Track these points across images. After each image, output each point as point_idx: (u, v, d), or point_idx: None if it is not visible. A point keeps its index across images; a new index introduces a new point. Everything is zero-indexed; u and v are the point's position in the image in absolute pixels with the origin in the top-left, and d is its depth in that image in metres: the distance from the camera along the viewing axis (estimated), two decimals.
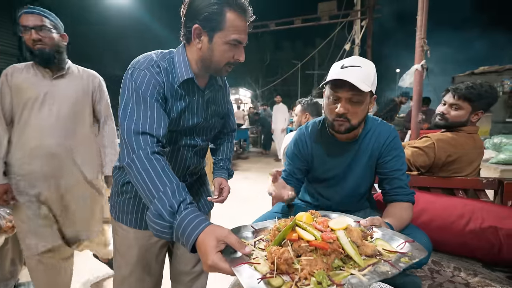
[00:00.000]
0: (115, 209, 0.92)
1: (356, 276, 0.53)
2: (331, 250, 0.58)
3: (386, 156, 0.97)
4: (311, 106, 1.92)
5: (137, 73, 0.74)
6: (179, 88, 0.79)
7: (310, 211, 0.79)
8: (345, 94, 0.87)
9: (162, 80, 0.76)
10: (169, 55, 0.82)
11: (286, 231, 0.61)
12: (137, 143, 0.68)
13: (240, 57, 0.78)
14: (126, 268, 0.92)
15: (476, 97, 1.26)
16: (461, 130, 1.33)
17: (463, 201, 1.16)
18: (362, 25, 7.18)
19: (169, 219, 0.60)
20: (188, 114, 0.83)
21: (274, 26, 7.71)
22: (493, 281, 0.91)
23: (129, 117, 0.70)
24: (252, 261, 0.58)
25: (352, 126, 0.91)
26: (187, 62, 0.80)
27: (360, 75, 0.85)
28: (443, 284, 0.89)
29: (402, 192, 0.95)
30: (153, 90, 0.73)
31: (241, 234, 0.71)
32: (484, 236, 1.01)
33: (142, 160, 0.66)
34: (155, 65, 0.76)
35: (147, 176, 0.64)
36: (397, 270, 0.54)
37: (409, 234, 0.87)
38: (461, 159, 1.30)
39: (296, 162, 1.09)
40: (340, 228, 0.64)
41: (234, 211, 3.29)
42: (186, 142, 0.88)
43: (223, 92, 0.98)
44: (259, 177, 4.99)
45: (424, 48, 2.90)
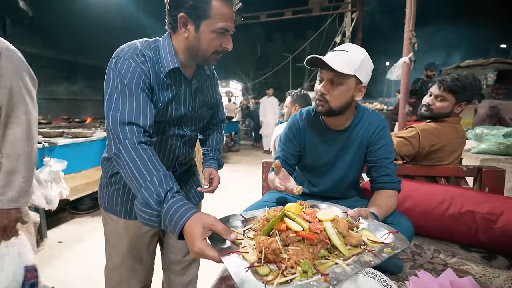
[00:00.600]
0: (104, 200, 0.92)
1: (340, 265, 0.55)
2: (318, 240, 0.60)
3: (376, 144, 1.00)
4: (301, 98, 1.93)
5: (121, 62, 0.72)
6: (165, 78, 0.78)
7: (299, 201, 0.82)
8: (327, 74, 0.90)
9: (148, 70, 0.75)
10: (154, 43, 0.80)
11: (275, 221, 0.63)
12: (123, 134, 0.67)
13: (227, 45, 0.77)
14: (117, 258, 0.93)
15: (461, 89, 1.31)
16: (445, 120, 1.38)
17: (444, 188, 1.22)
18: (352, 18, 7.19)
19: (156, 208, 0.61)
20: (175, 105, 0.83)
21: (265, 18, 7.61)
22: (469, 261, 0.97)
23: (114, 107, 0.69)
24: (241, 250, 0.59)
25: (331, 109, 0.93)
26: (173, 51, 0.79)
27: (343, 58, 0.87)
28: (423, 265, 0.94)
29: (389, 180, 0.99)
30: (138, 80, 0.72)
31: (231, 223, 0.72)
32: (462, 220, 1.07)
33: (128, 150, 0.66)
34: (140, 54, 0.75)
35: (134, 166, 0.64)
36: (380, 260, 0.57)
37: (393, 219, 0.92)
38: (444, 148, 1.36)
39: (290, 147, 1.10)
40: (327, 219, 0.67)
41: (224, 203, 3.31)
42: (174, 132, 0.87)
43: (211, 82, 0.97)
44: (250, 170, 5.02)
45: (412, 40, 2.94)
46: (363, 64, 0.89)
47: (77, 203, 2.87)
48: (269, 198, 1.14)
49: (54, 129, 2.91)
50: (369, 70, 0.93)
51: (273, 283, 0.50)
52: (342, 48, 0.90)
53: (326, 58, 0.88)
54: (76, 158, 2.56)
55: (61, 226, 2.63)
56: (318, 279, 0.51)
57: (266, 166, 1.52)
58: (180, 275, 1.08)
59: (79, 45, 9.37)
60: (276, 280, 0.50)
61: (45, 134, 2.59)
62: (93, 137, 2.71)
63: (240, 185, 4.10)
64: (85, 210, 2.90)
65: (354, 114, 1.03)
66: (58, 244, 2.28)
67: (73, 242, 2.30)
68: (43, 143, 2.22)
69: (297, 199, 1.14)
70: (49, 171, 2.08)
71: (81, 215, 2.86)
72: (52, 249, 2.21)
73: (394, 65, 3.07)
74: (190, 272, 1.10)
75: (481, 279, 0.86)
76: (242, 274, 0.51)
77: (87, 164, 2.71)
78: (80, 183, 2.72)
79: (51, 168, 2.10)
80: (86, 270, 1.91)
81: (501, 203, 1.06)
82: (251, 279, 0.50)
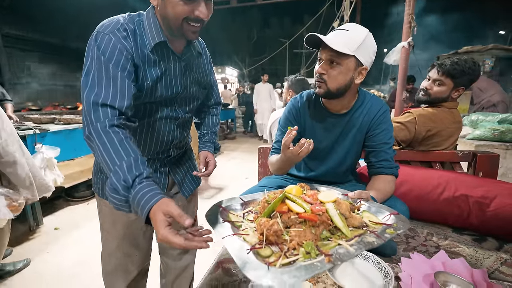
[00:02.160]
0: (98, 185, 0.90)
1: (343, 246, 0.54)
2: (320, 222, 0.59)
3: (376, 129, 0.99)
4: (295, 83, 1.89)
5: (101, 37, 0.68)
6: (151, 54, 0.74)
7: (300, 184, 0.80)
8: (326, 54, 0.88)
9: (130, 46, 0.70)
10: (138, 17, 0.75)
11: (276, 203, 0.62)
12: (96, 116, 0.64)
13: (200, 13, 0.69)
14: (112, 243, 0.92)
15: (459, 73, 1.29)
16: (442, 105, 1.37)
17: (439, 173, 1.22)
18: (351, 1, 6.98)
19: (124, 193, 0.59)
20: (165, 82, 0.79)
21: (261, 1, 7.35)
22: (460, 243, 0.99)
23: (90, 87, 0.66)
24: (241, 233, 0.59)
25: (329, 90, 0.91)
26: (157, 24, 0.74)
27: (342, 38, 0.85)
28: (417, 247, 0.96)
29: (387, 165, 0.98)
30: (118, 57, 0.68)
31: (230, 206, 0.72)
32: (456, 204, 1.08)
33: (99, 133, 0.63)
34: (122, 29, 0.70)
35: (104, 149, 0.62)
36: (383, 241, 0.56)
37: (390, 204, 0.92)
38: (440, 133, 1.35)
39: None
40: (329, 201, 0.66)
41: (220, 190, 3.33)
42: (167, 114, 0.84)
43: (203, 61, 0.93)
44: (246, 157, 5.02)
45: (412, 24, 2.88)
46: (364, 44, 0.86)
47: (72, 190, 2.85)
48: (265, 183, 1.14)
49: (45, 115, 2.83)
50: (371, 52, 0.89)
51: (276, 264, 0.49)
52: (344, 28, 0.88)
53: (324, 37, 0.85)
54: (69, 145, 2.52)
55: (57, 213, 2.62)
56: (322, 259, 0.50)
57: (263, 152, 1.51)
58: (177, 260, 1.09)
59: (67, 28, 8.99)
60: (279, 262, 0.50)
61: (35, 120, 2.52)
62: None
63: (237, 172, 4.11)
64: (80, 198, 2.89)
65: (356, 99, 1.00)
66: (55, 231, 2.28)
67: (69, 229, 2.31)
68: (34, 129, 2.16)
69: (296, 182, 1.14)
70: (41, 157, 2.04)
71: (77, 202, 2.86)
72: (48, 235, 2.21)
73: (393, 49, 3.02)
74: (187, 257, 1.10)
75: (471, 260, 0.88)
76: (244, 256, 0.50)
77: (81, 151, 2.67)
78: (75, 170, 2.69)
79: (43, 155, 2.06)
80: (83, 256, 1.92)
81: (495, 187, 1.07)
82: (253, 260, 0.49)
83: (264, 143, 6.58)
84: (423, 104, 1.43)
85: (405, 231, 0.62)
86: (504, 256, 0.90)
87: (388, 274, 0.69)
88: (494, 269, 0.83)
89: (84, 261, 1.86)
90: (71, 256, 1.93)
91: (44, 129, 2.26)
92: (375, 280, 0.68)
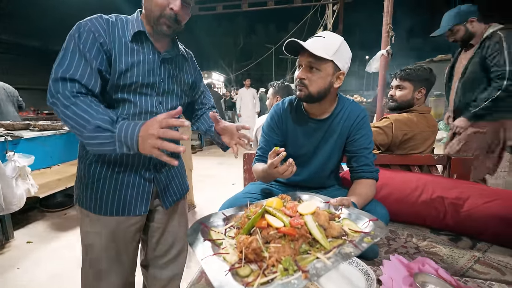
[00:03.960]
0: (81, 195, 0.86)
1: (321, 260, 0.55)
2: (299, 235, 0.60)
3: (356, 134, 1.02)
4: (282, 89, 1.92)
5: (79, 23, 0.76)
6: (130, 43, 0.79)
7: (281, 195, 0.81)
8: (305, 60, 0.92)
9: (104, 30, 0.76)
10: (124, 17, 0.83)
11: (255, 219, 0.62)
12: (63, 87, 0.70)
13: (174, 5, 0.76)
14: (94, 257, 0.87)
15: (414, 76, 1.42)
16: (415, 110, 1.46)
17: (417, 176, 1.28)
18: (334, 10, 7.25)
19: (108, 127, 0.66)
20: (142, 70, 0.81)
21: (246, 7, 7.45)
22: (438, 243, 1.03)
23: (60, 62, 0.71)
24: (221, 252, 0.58)
25: (310, 94, 0.94)
26: (139, 18, 0.82)
27: (320, 43, 0.89)
28: (397, 249, 0.99)
29: (368, 169, 1.01)
30: (91, 40, 0.73)
31: (212, 222, 0.71)
32: (433, 205, 1.13)
33: (66, 96, 0.68)
34: (100, 17, 0.78)
35: (77, 108, 0.67)
36: (360, 251, 0.58)
37: (370, 207, 0.95)
38: (416, 137, 1.42)
39: (273, 137, 1.10)
40: (308, 213, 0.66)
41: (210, 195, 3.28)
42: (147, 108, 0.84)
43: (188, 64, 0.96)
44: (235, 162, 4.99)
45: (390, 33, 3.01)
46: (340, 49, 0.90)
47: (47, 200, 2.69)
48: (250, 189, 1.13)
49: (18, 121, 2.68)
50: (347, 58, 0.94)
51: (253, 284, 0.49)
52: (320, 35, 0.92)
53: (304, 43, 0.88)
54: (45, 152, 2.38)
55: (30, 225, 2.46)
56: (299, 276, 0.50)
57: (248, 157, 1.51)
58: (164, 269, 1.04)
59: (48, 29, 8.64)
60: (257, 281, 0.49)
61: (7, 126, 2.37)
62: (64, 130, 2.53)
63: (225, 177, 4.07)
64: (56, 208, 2.74)
65: (335, 104, 1.03)
66: (27, 245, 2.14)
67: (43, 242, 2.17)
68: (5, 137, 2.03)
69: (278, 190, 1.14)
70: (13, 166, 1.92)
71: (53, 212, 2.70)
72: (19, 250, 2.07)
73: (373, 57, 3.14)
74: (173, 268, 1.06)
75: (448, 260, 0.91)
76: (221, 278, 0.50)
77: (58, 158, 2.54)
78: (51, 179, 2.55)
79: (15, 164, 1.94)
80: (59, 269, 1.81)
81: (468, 188, 1.13)
82: (231, 282, 0.49)
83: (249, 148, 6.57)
84: (394, 110, 1.54)
85: (382, 238, 0.64)
86: (477, 254, 0.94)
87: (370, 277, 0.71)
88: (468, 267, 0.87)
89: (60, 273, 1.75)
90: (45, 271, 1.81)
91: (16, 136, 2.13)
92: (358, 283, 0.69)
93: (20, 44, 8.53)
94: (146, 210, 0.89)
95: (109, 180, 0.84)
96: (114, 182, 0.84)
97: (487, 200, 1.05)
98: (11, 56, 8.30)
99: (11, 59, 8.31)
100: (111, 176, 0.84)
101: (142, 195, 0.88)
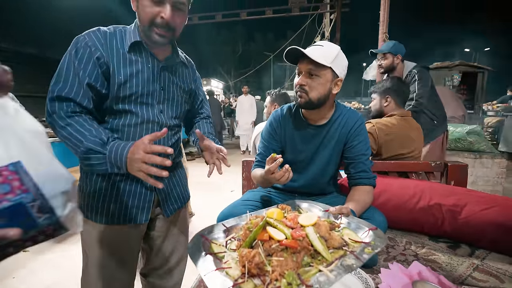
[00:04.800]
0: (82, 204, 0.86)
1: (324, 273, 0.55)
2: (301, 248, 0.60)
3: (353, 141, 1.04)
4: (279, 97, 1.95)
5: (76, 38, 0.77)
6: (128, 54, 0.79)
7: (281, 205, 0.81)
8: (304, 67, 0.96)
9: (101, 43, 0.76)
10: (123, 28, 0.83)
11: (257, 231, 0.62)
12: (59, 106, 0.72)
13: (164, 14, 0.75)
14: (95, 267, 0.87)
15: (377, 88, 1.63)
16: (394, 114, 1.56)
17: (415, 182, 1.28)
18: (331, 19, 7.39)
19: (100, 149, 0.70)
20: (141, 80, 0.81)
21: (245, 16, 7.59)
22: (436, 251, 1.03)
23: (56, 80, 0.74)
24: (224, 266, 0.58)
25: (310, 100, 0.97)
26: (136, 28, 0.82)
27: (319, 51, 0.93)
28: (396, 257, 0.99)
29: (365, 176, 1.02)
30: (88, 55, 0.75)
31: (213, 235, 0.71)
32: (430, 212, 1.13)
33: (62, 117, 0.71)
34: (97, 31, 0.78)
35: (71, 128, 0.71)
36: (361, 262, 0.58)
37: (368, 214, 0.95)
38: (399, 137, 1.49)
39: (272, 143, 1.11)
40: (309, 224, 0.67)
41: (207, 203, 3.26)
42: (149, 117, 0.84)
43: (189, 71, 0.97)
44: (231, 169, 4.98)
45: (386, 42, 3.08)
46: (338, 57, 0.95)
47: None
48: (248, 197, 1.13)
49: None
50: (344, 65, 0.98)
51: None
52: (319, 44, 0.96)
53: (305, 50, 0.92)
54: None
55: None
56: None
57: (247, 165, 1.51)
58: (163, 278, 1.04)
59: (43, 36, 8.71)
60: None
61: None
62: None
63: (223, 184, 4.05)
64: None
65: (333, 111, 1.06)
66: (23, 254, 2.10)
67: (39, 251, 2.14)
68: None
69: (277, 197, 1.14)
70: None
71: None
72: (15, 259, 2.03)
73: (370, 65, 3.20)
74: (173, 277, 1.05)
75: (447, 267, 0.91)
76: None
77: None
78: None
79: None
80: (55, 278, 1.78)
81: (465, 195, 1.14)
82: None
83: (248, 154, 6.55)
84: (374, 118, 1.66)
85: (382, 248, 0.64)
86: (476, 262, 0.94)
87: (369, 286, 0.70)
88: (467, 275, 0.87)
89: (56, 285, 1.72)
90: (41, 280, 1.78)
91: None
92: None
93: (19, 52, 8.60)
94: (147, 219, 0.89)
95: (110, 189, 0.83)
96: (115, 192, 0.84)
97: (485, 207, 1.05)
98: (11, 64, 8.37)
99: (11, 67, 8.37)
100: (112, 185, 0.84)
101: (144, 204, 0.87)
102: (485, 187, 2.34)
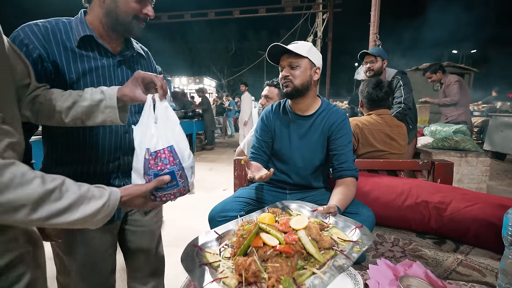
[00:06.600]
0: None
1: (318, 275, 0.57)
2: (294, 252, 0.61)
3: (337, 133, 1.11)
4: None
5: (12, 34, 0.69)
6: (77, 49, 0.74)
7: (272, 209, 0.83)
8: (285, 61, 1.10)
9: (39, 39, 0.70)
10: (67, 20, 0.77)
11: (251, 238, 0.63)
12: None
13: (148, 11, 0.76)
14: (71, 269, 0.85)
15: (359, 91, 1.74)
16: (372, 113, 1.64)
17: (403, 180, 1.31)
18: (324, 18, 7.44)
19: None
20: (96, 78, 0.77)
21: (238, 14, 7.55)
22: (423, 247, 1.06)
23: None
24: (220, 277, 0.58)
25: (295, 87, 1.09)
26: (84, 21, 0.76)
27: (297, 46, 1.08)
28: (385, 253, 1.01)
29: (347, 167, 1.08)
30: (24, 54, 0.65)
31: (205, 243, 0.70)
32: (417, 210, 1.16)
33: None
34: (35, 25, 0.71)
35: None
36: (351, 262, 0.61)
37: (356, 209, 0.98)
38: (376, 132, 1.55)
39: (264, 135, 1.21)
40: (301, 228, 0.68)
41: (199, 201, 3.24)
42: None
43: (146, 61, 0.93)
44: (224, 168, 4.97)
45: (377, 42, 3.13)
46: (311, 49, 1.09)
47: None
48: (240, 194, 1.15)
49: None
50: (318, 57, 1.12)
51: None
52: (294, 42, 1.11)
53: (285, 46, 1.06)
54: None
55: None
56: None
57: (238, 163, 1.51)
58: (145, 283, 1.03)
59: None
60: None
61: None
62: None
63: (215, 183, 4.04)
64: None
65: (319, 104, 1.16)
66: None
67: None
68: None
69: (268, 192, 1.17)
70: None
71: None
72: None
73: (361, 65, 3.24)
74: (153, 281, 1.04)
75: (432, 263, 0.94)
76: None
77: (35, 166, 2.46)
78: None
79: None
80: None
81: (450, 193, 1.18)
82: None
83: None
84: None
85: (370, 245, 0.67)
86: (460, 257, 0.98)
87: (358, 282, 0.72)
88: (451, 270, 0.90)
89: None
90: None
91: None
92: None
93: None
94: (120, 216, 0.88)
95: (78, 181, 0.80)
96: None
97: (469, 204, 1.09)
98: None
99: None
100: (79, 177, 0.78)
101: None
102: (470, 185, 2.42)
